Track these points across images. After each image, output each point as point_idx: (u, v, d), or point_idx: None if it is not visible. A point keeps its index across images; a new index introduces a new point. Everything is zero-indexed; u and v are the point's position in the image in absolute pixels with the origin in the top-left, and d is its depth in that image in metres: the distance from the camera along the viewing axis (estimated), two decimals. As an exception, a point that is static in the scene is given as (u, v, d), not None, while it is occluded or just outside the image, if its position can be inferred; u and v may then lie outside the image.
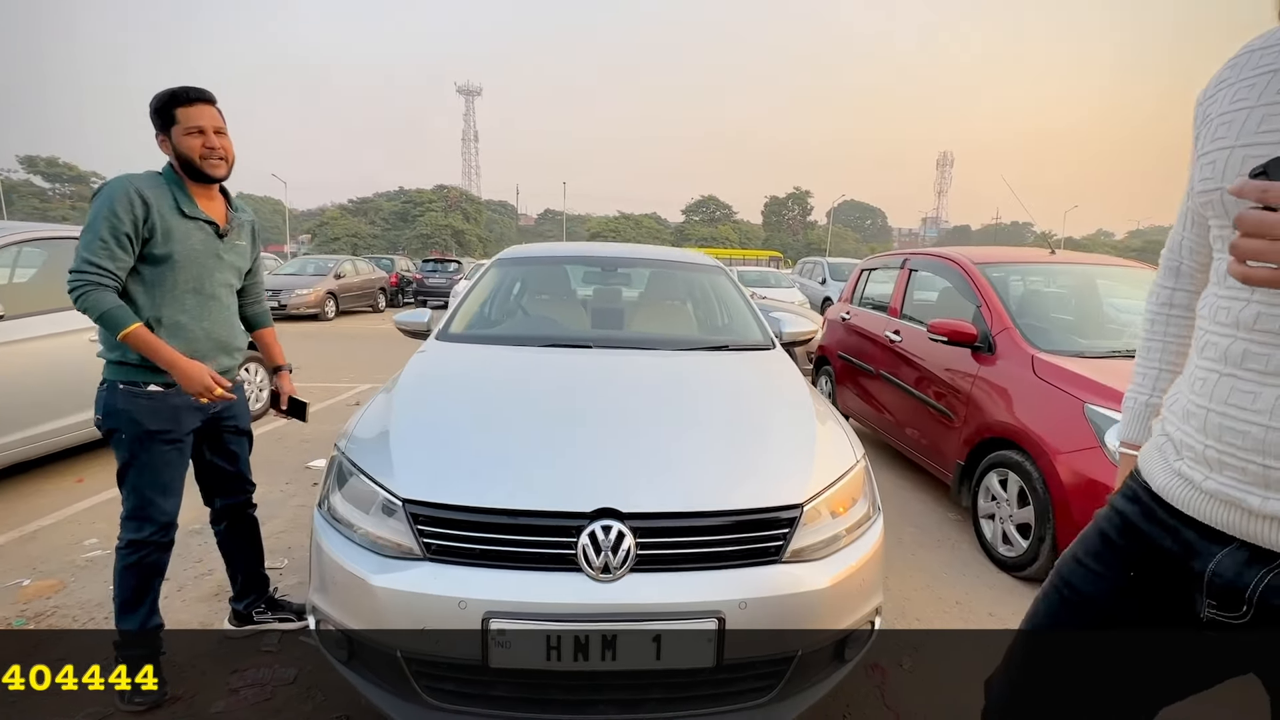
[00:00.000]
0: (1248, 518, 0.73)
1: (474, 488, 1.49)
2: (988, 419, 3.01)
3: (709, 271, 3.35)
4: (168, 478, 1.81)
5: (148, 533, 1.79)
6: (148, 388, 1.74)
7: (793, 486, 1.57)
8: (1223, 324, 0.76)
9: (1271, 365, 0.70)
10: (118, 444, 1.77)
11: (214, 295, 1.83)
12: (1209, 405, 0.76)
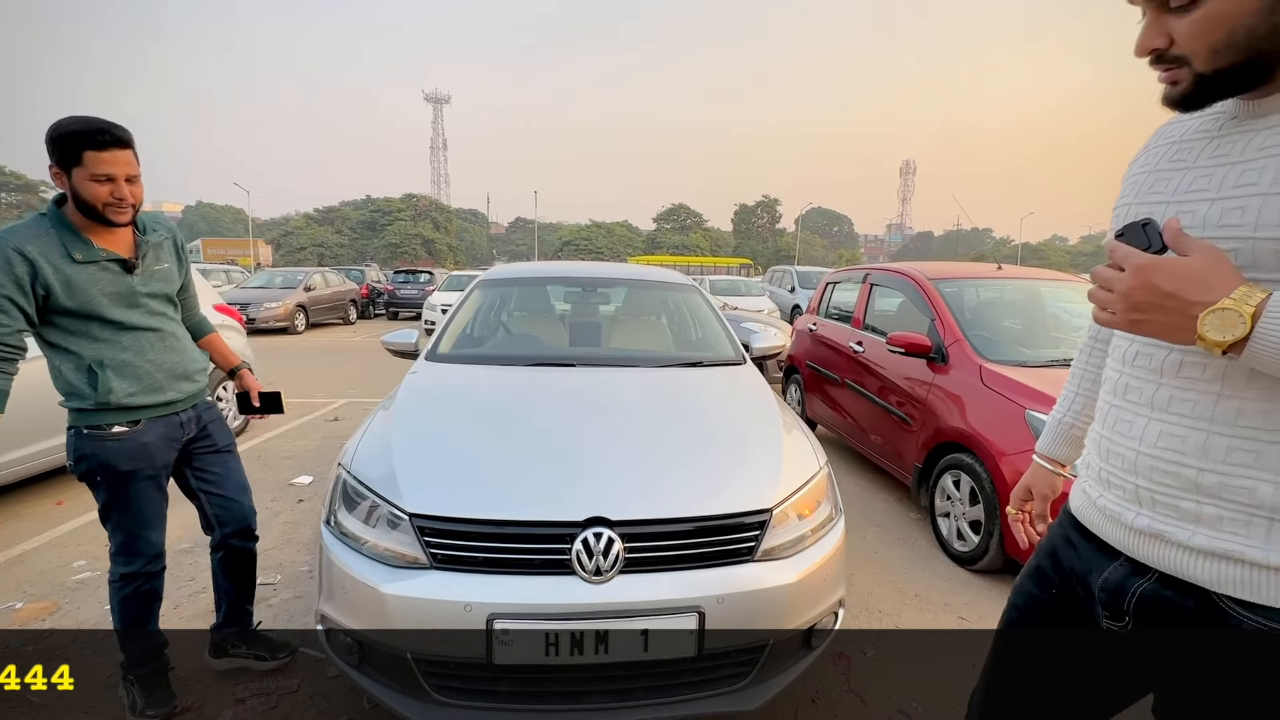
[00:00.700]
0: (1127, 532, 0.84)
1: (475, 501, 1.64)
2: (942, 424, 3.26)
3: (683, 290, 3.54)
4: (150, 512, 1.81)
5: (138, 565, 1.81)
6: (112, 429, 1.69)
7: (763, 492, 1.75)
8: (1116, 360, 0.88)
9: (1144, 398, 0.81)
10: (94, 486, 1.75)
11: (149, 328, 1.73)
12: (1102, 431, 0.89)
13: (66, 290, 1.59)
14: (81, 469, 1.73)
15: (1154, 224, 0.73)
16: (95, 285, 1.62)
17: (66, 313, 1.61)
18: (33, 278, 1.55)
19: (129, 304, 1.69)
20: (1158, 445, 0.79)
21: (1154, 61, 0.79)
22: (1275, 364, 0.65)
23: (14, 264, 1.52)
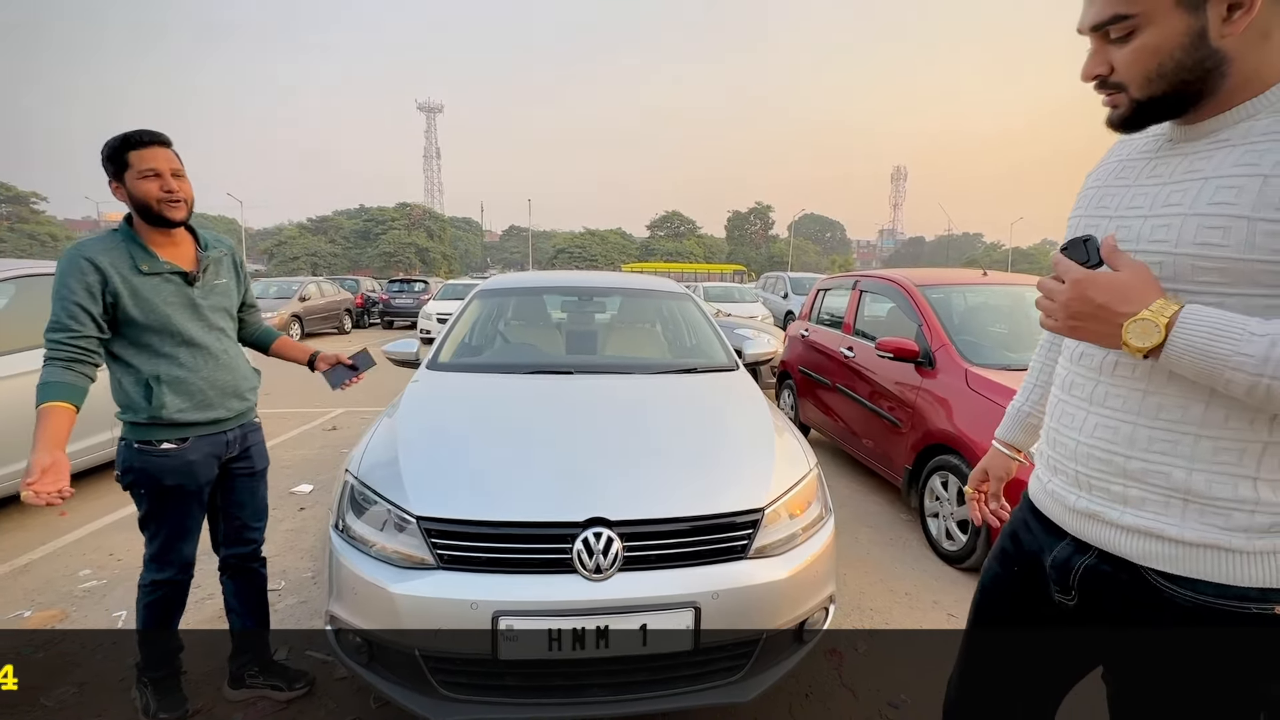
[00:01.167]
0: (1069, 513, 0.94)
1: (480, 504, 1.71)
2: (930, 427, 3.35)
3: (677, 298, 3.63)
4: (188, 525, 1.87)
5: (170, 574, 1.87)
6: (161, 445, 1.74)
7: (755, 493, 1.83)
8: (1065, 358, 0.99)
9: (1085, 393, 0.91)
10: (137, 497, 1.81)
11: (204, 344, 1.78)
12: (1051, 423, 0.99)
13: (133, 299, 1.66)
14: (128, 480, 1.78)
15: (1094, 240, 0.82)
16: (159, 296, 1.70)
17: (133, 324, 1.68)
18: (103, 285, 1.63)
19: (187, 319, 1.75)
20: (1095, 435, 0.90)
21: (1098, 87, 0.88)
22: (1186, 367, 0.75)
23: (85, 272, 1.61)
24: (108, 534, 3.35)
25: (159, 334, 1.72)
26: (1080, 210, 0.99)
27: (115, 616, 2.54)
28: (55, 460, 1.52)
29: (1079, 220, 0.98)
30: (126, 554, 3.11)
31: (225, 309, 1.88)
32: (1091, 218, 0.95)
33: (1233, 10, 0.76)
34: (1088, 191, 1.00)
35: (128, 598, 2.69)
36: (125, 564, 3.00)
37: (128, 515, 3.60)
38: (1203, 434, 0.80)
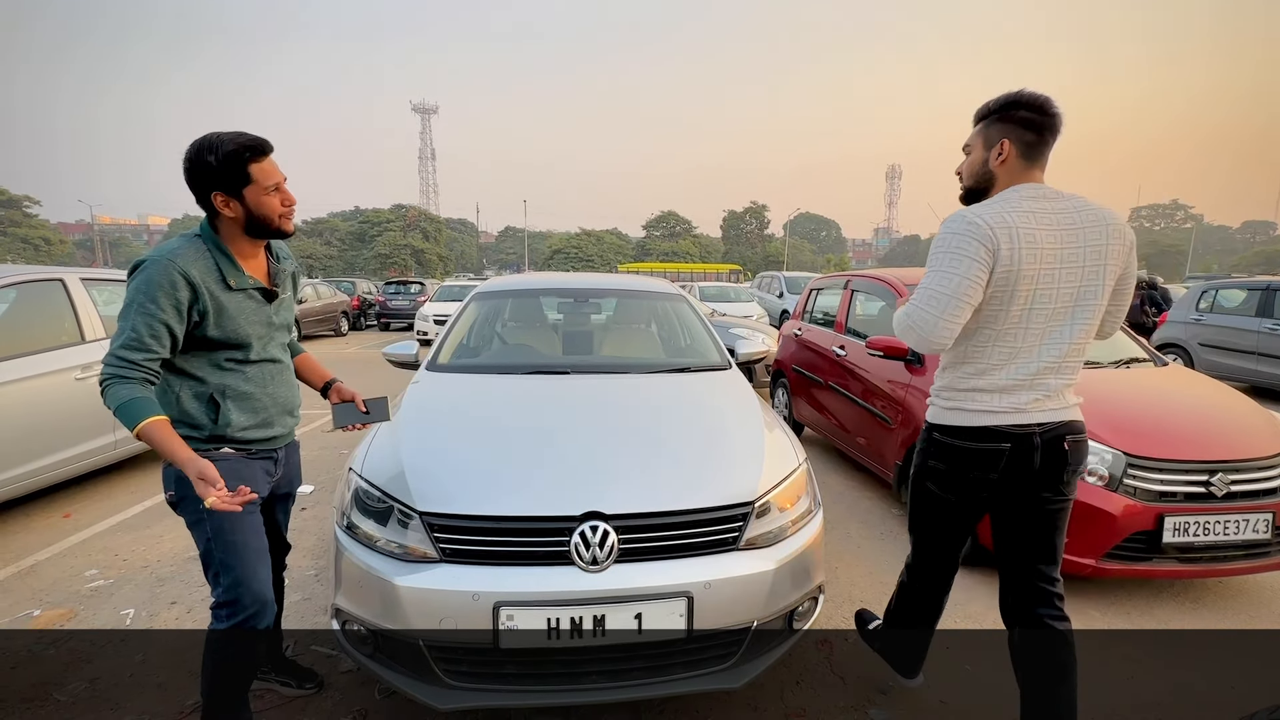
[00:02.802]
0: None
1: (480, 499, 1.77)
2: (919, 423, 3.41)
3: (671, 299, 3.69)
4: (257, 545, 1.63)
5: (244, 616, 1.59)
6: (220, 451, 1.62)
7: (746, 487, 1.90)
8: None
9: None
10: (195, 523, 1.60)
11: (273, 359, 1.72)
12: None
13: (217, 318, 1.55)
14: (184, 495, 1.57)
15: None
16: (242, 314, 1.61)
17: (208, 338, 1.57)
18: (192, 302, 1.51)
19: (263, 336, 1.67)
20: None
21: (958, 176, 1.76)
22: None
23: (178, 287, 1.48)
24: (112, 535, 3.40)
25: (231, 349, 1.61)
26: None
27: (124, 615, 2.59)
28: (208, 466, 1.42)
29: None
30: (131, 554, 3.16)
31: (288, 324, 1.79)
32: None
33: (998, 155, 1.63)
34: None
35: (135, 596, 2.75)
36: (131, 564, 3.06)
37: (131, 516, 3.65)
38: None
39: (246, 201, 1.55)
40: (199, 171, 1.52)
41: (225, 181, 1.52)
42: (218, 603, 1.62)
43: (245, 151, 1.51)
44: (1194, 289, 8.30)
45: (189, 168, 1.53)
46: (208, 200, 1.56)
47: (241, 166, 1.52)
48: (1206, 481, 2.58)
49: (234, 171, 1.51)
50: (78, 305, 3.97)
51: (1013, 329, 1.57)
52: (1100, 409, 2.87)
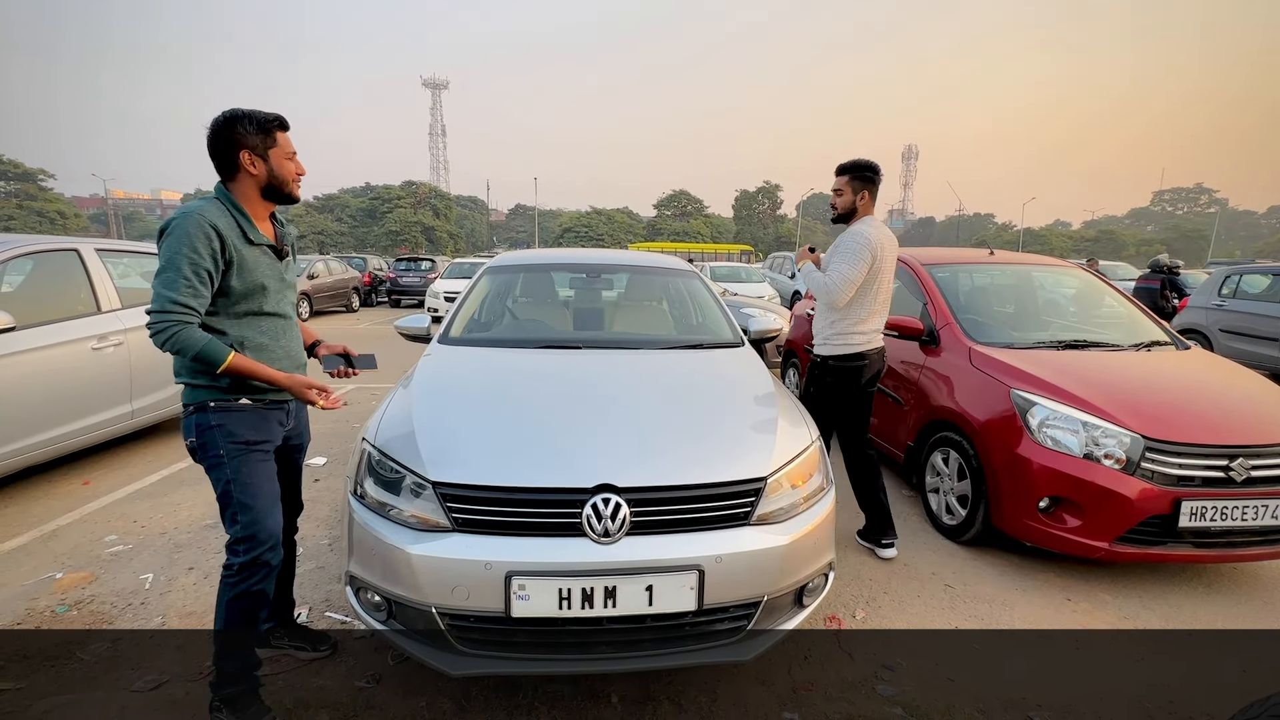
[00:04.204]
0: None
1: (494, 470, 1.78)
2: (932, 404, 3.39)
3: (684, 276, 3.66)
4: (270, 489, 1.81)
5: (259, 551, 1.74)
6: (239, 401, 1.76)
7: (758, 463, 1.89)
8: None
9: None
10: (215, 466, 1.75)
11: (285, 314, 1.87)
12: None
13: (239, 269, 1.71)
14: (203, 441, 1.74)
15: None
16: (259, 268, 1.76)
17: (229, 292, 1.72)
18: (221, 252, 1.67)
19: (276, 290, 1.82)
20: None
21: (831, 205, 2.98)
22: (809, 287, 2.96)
23: (211, 238, 1.64)
24: (131, 502, 3.46)
25: (250, 301, 1.76)
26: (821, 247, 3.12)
27: (143, 579, 2.64)
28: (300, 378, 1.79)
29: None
30: (150, 521, 3.22)
31: (293, 284, 1.95)
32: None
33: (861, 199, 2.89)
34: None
35: (154, 561, 2.80)
36: (149, 530, 3.11)
37: (149, 484, 3.71)
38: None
39: (270, 162, 1.75)
40: (230, 133, 1.71)
41: (257, 141, 1.73)
42: (234, 539, 1.76)
43: (275, 120, 1.76)
44: (1216, 274, 8.12)
45: (220, 130, 1.71)
46: (233, 160, 1.73)
47: (271, 132, 1.75)
48: (1226, 466, 2.54)
49: (267, 135, 1.74)
50: (93, 276, 3.99)
51: (873, 298, 2.86)
52: (1118, 392, 2.83)
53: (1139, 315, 3.86)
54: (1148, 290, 8.48)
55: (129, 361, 3.97)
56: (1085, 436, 2.66)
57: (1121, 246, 61.78)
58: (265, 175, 1.75)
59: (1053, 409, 2.77)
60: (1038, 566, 2.91)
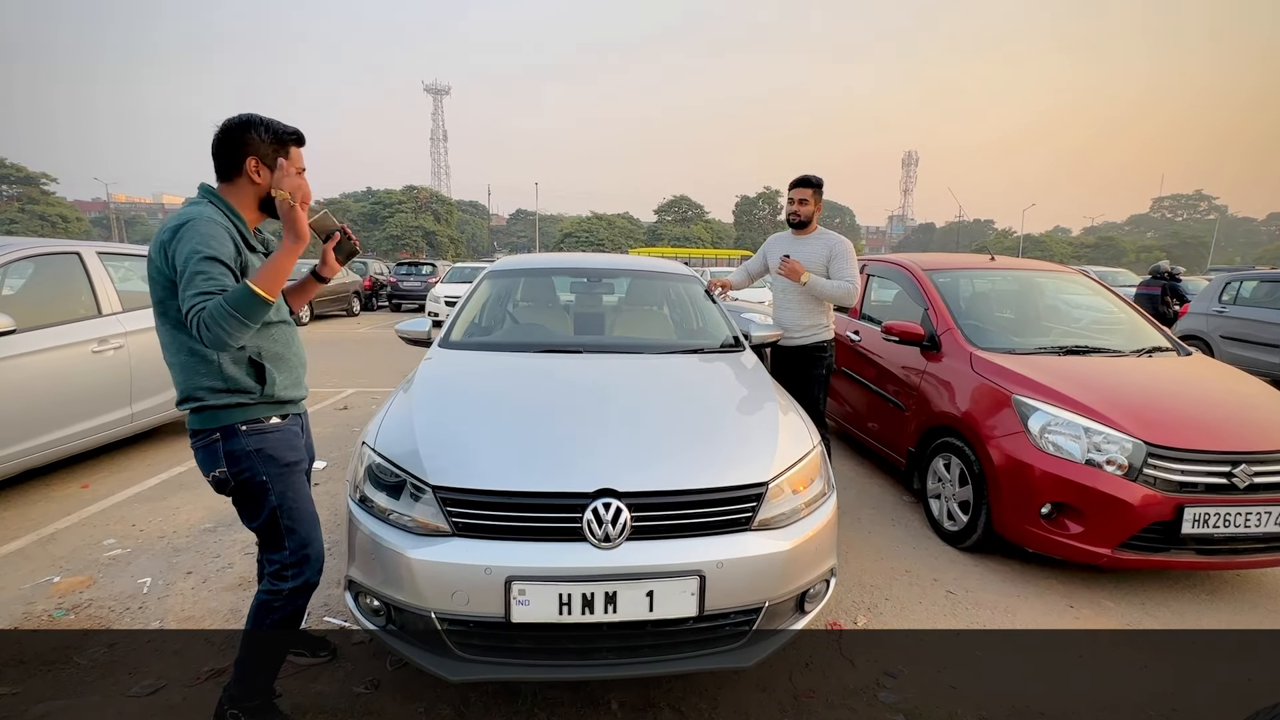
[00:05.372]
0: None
1: (493, 474, 1.77)
2: (934, 409, 3.38)
3: (684, 280, 3.66)
4: (311, 508, 1.78)
5: (310, 574, 1.73)
6: (270, 421, 1.69)
7: (759, 468, 1.88)
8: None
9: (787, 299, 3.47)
10: (258, 493, 1.66)
11: (287, 320, 1.81)
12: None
13: (243, 275, 1.61)
14: (244, 468, 1.63)
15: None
16: None
17: None
18: (237, 253, 1.60)
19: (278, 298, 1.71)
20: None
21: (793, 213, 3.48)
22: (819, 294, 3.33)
23: (230, 232, 1.58)
24: (130, 506, 3.45)
25: None
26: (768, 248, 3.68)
27: (141, 583, 2.63)
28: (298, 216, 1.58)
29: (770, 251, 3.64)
30: (149, 525, 3.21)
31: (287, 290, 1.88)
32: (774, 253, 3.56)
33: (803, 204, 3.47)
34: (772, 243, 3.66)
35: (152, 565, 2.79)
36: (148, 534, 3.10)
37: (148, 488, 3.70)
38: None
39: (276, 173, 1.67)
40: (241, 136, 1.64)
41: (270, 151, 1.66)
42: (284, 565, 1.71)
43: (291, 134, 1.72)
44: (1216, 280, 8.12)
45: (231, 131, 1.64)
46: (238, 165, 1.65)
47: (285, 144, 1.70)
48: (1229, 473, 2.53)
49: (278, 146, 1.68)
50: (94, 279, 3.99)
51: None
52: (1120, 397, 2.82)
53: (1140, 321, 3.86)
54: (1149, 296, 8.49)
55: (129, 365, 3.97)
56: (1087, 442, 2.65)
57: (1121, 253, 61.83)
58: (268, 186, 1.67)
59: (1054, 414, 2.76)
60: (1040, 573, 2.89)
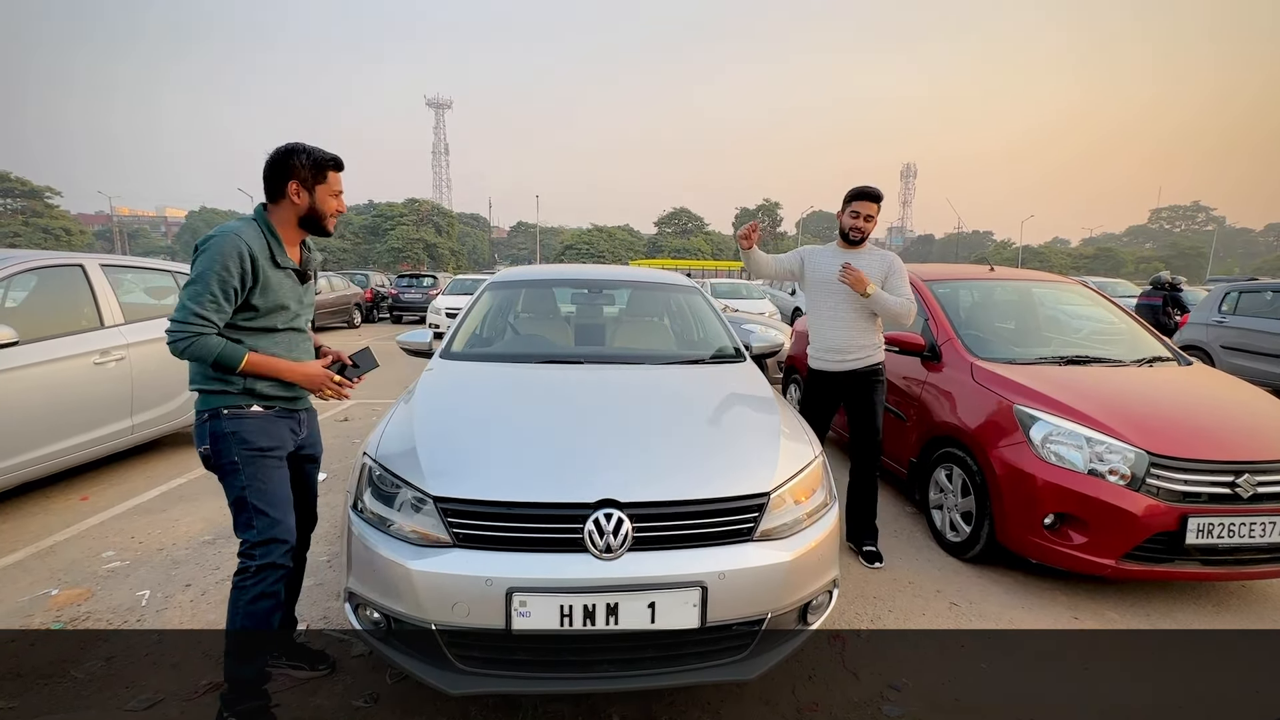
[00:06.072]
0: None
1: (494, 485, 1.76)
2: (935, 420, 3.38)
3: (685, 291, 3.67)
4: (284, 493, 1.88)
5: (277, 555, 1.81)
6: (251, 409, 1.84)
7: (761, 478, 1.88)
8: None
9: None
10: (229, 471, 1.81)
11: (300, 330, 1.96)
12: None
13: (264, 289, 1.81)
14: (217, 448, 1.81)
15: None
16: (282, 289, 1.87)
17: (251, 308, 1.82)
18: (251, 271, 1.77)
19: (293, 310, 1.92)
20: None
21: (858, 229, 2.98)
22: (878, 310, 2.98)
23: (243, 258, 1.75)
24: (129, 518, 3.44)
25: (269, 318, 1.86)
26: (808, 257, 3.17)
27: (139, 596, 2.61)
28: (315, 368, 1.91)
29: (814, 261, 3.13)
30: (148, 537, 3.19)
31: (312, 304, 2.06)
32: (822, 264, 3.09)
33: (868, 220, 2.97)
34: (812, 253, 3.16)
35: (151, 578, 2.77)
36: (147, 546, 3.09)
37: (148, 500, 3.69)
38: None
39: (315, 196, 1.88)
40: (286, 162, 1.84)
41: (308, 176, 1.86)
42: (251, 544, 1.81)
43: (331, 161, 1.89)
44: (1216, 290, 8.14)
45: (278, 158, 1.85)
46: (282, 188, 1.85)
47: (323, 169, 1.88)
48: (1232, 482, 2.52)
49: (319, 172, 1.87)
50: (97, 291, 4.01)
51: None
52: (1121, 407, 2.82)
53: (1140, 331, 3.87)
54: (1150, 307, 8.50)
55: (131, 376, 3.97)
56: (1089, 452, 2.64)
57: (1120, 264, 62.00)
58: (307, 207, 1.88)
59: (1056, 424, 2.76)
60: (1044, 584, 2.87)
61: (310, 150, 1.86)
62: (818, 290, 3.09)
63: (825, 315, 3.06)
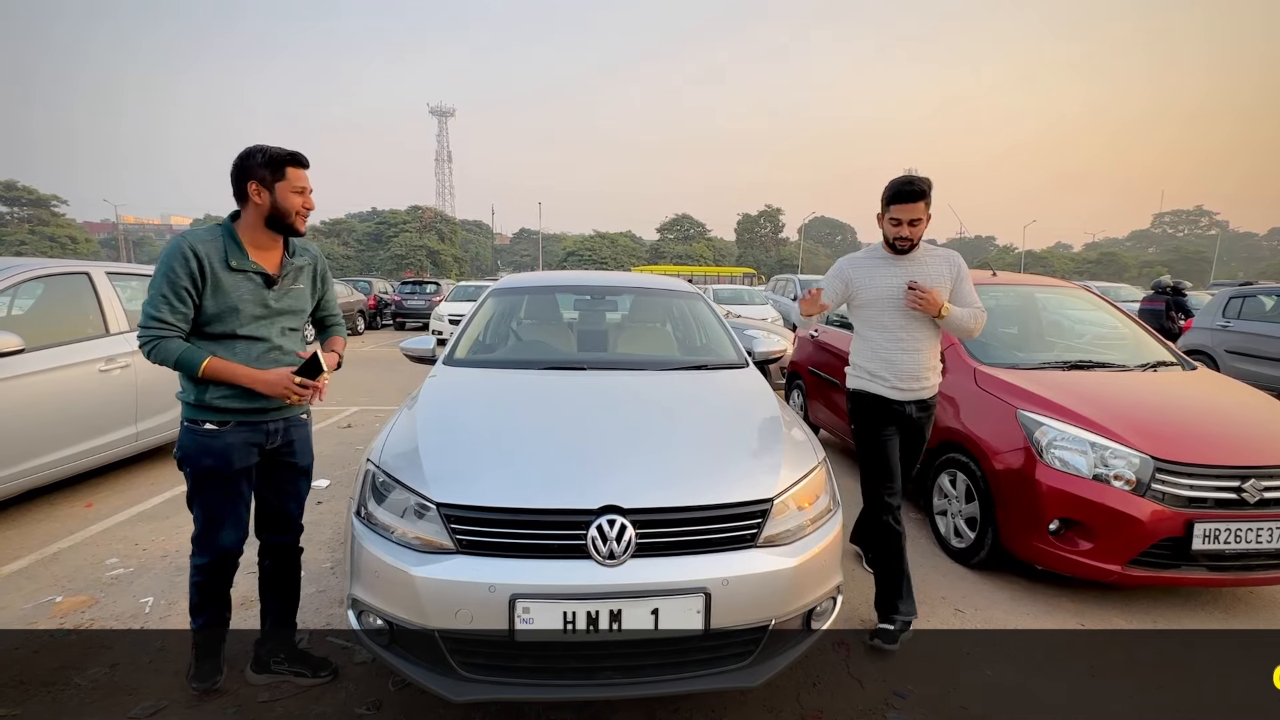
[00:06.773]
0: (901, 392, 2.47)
1: (498, 491, 1.77)
2: (938, 425, 3.36)
3: (687, 297, 3.68)
4: (222, 513, 1.92)
5: (207, 559, 1.95)
6: (204, 425, 1.86)
7: (764, 484, 1.87)
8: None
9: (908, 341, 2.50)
10: (186, 476, 1.92)
11: (265, 339, 1.89)
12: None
13: (214, 291, 1.81)
14: (180, 456, 1.90)
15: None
16: (236, 292, 1.84)
17: (201, 311, 1.83)
18: (200, 272, 1.79)
19: (254, 316, 1.87)
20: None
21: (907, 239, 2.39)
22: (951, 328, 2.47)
23: (189, 259, 1.78)
24: (133, 525, 3.44)
25: (223, 322, 1.84)
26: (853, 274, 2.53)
27: (143, 603, 2.62)
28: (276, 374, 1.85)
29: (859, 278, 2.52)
30: (151, 544, 3.20)
31: (296, 311, 2.00)
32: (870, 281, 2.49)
33: (914, 225, 2.33)
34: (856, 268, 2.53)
35: (154, 585, 2.78)
36: (150, 553, 3.09)
37: (151, 507, 3.70)
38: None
39: (276, 194, 1.85)
40: (245, 164, 1.84)
41: (267, 174, 1.84)
42: (195, 544, 1.97)
43: (287, 157, 1.86)
44: (1220, 295, 8.12)
45: (238, 162, 1.86)
46: (243, 190, 1.85)
47: (280, 166, 1.85)
48: (1239, 488, 2.51)
49: (276, 169, 1.84)
50: (103, 298, 4.03)
51: None
52: (1126, 412, 2.81)
53: (1144, 335, 3.86)
54: (1153, 312, 8.48)
55: (135, 383, 3.99)
56: (1094, 457, 2.64)
57: (1123, 268, 61.91)
58: (269, 206, 1.85)
59: (1060, 429, 2.75)
60: (1049, 590, 2.86)
61: (266, 149, 1.85)
62: (875, 309, 2.46)
63: (890, 338, 2.44)
